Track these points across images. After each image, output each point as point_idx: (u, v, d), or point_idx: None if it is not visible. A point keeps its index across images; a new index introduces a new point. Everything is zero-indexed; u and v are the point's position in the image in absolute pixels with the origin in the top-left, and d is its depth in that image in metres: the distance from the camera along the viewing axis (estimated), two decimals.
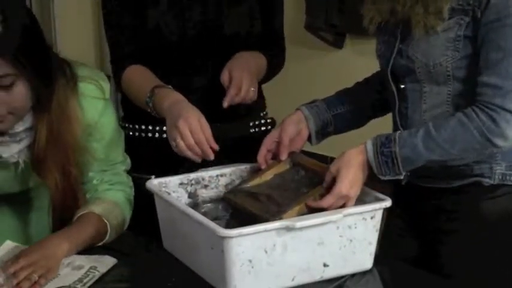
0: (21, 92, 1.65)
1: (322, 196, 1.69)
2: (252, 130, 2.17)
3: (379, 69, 1.92)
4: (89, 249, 1.75)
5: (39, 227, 1.89)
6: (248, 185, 1.82)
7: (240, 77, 1.96)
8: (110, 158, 1.89)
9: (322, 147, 2.06)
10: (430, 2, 1.69)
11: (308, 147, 1.97)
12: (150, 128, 2.12)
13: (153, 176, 1.87)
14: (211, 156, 1.79)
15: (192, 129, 1.77)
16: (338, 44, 4.24)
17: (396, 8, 1.75)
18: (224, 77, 1.98)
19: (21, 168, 1.78)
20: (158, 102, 1.91)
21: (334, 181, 1.69)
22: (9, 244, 1.76)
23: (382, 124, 2.01)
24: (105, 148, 1.86)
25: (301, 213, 1.66)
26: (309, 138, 1.93)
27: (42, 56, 1.69)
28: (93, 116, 1.81)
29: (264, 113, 2.25)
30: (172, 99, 1.88)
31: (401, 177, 1.72)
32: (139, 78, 2.04)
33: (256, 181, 1.83)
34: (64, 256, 1.69)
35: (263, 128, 2.20)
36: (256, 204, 1.73)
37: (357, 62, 4.09)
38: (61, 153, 1.76)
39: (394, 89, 1.82)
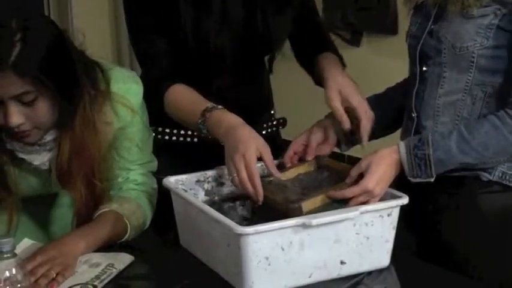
0: (43, 107, 1.66)
1: None
2: (264, 132, 2.16)
3: (395, 67, 1.92)
4: (106, 247, 1.76)
5: (62, 224, 1.90)
6: (270, 179, 1.80)
7: (361, 102, 1.87)
8: (137, 157, 1.89)
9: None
10: None
11: None
12: (167, 131, 2.10)
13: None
14: (261, 198, 1.69)
15: (246, 162, 1.69)
16: (355, 42, 4.24)
17: None
18: (335, 102, 1.86)
19: (53, 175, 1.80)
20: (213, 127, 1.81)
21: (360, 177, 1.69)
22: (27, 242, 1.77)
23: None
24: (134, 148, 1.87)
25: (322, 204, 1.66)
26: (339, 145, 1.93)
27: (65, 73, 1.68)
28: (126, 118, 1.82)
29: (273, 111, 2.24)
30: (227, 124, 1.78)
31: (432, 180, 1.72)
32: (186, 99, 1.92)
33: (279, 176, 1.81)
34: (81, 254, 1.70)
35: (274, 129, 2.20)
36: (276, 192, 1.72)
37: (374, 60, 4.08)
38: (85, 167, 1.77)
39: (418, 70, 1.83)
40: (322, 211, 1.64)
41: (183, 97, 1.93)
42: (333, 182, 1.78)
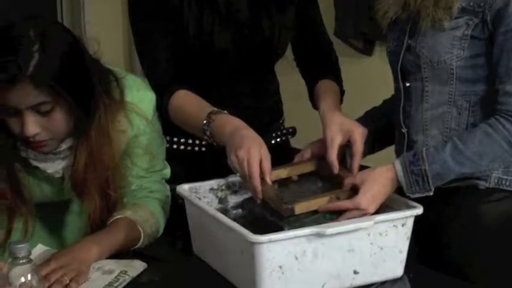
0: (59, 117, 1.66)
1: (338, 200, 1.69)
2: (273, 141, 2.16)
3: None
4: (119, 254, 1.76)
5: (75, 230, 1.90)
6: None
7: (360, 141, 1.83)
8: (150, 165, 1.89)
9: None
10: None
11: None
12: (175, 139, 2.09)
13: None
14: (260, 195, 1.71)
15: (250, 161, 1.69)
16: (367, 51, 4.23)
17: (408, 1, 1.78)
18: (334, 149, 1.81)
19: (66, 183, 1.80)
20: (218, 129, 1.81)
21: (353, 190, 1.70)
22: (41, 248, 1.77)
23: None
24: (147, 156, 1.87)
25: (314, 210, 1.67)
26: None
27: (81, 83, 1.68)
28: (140, 126, 1.82)
29: (282, 120, 2.23)
30: (233, 126, 1.79)
31: (431, 194, 1.72)
32: (191, 104, 1.92)
33: (279, 172, 1.81)
34: (95, 260, 1.70)
35: (283, 138, 2.19)
36: (274, 190, 1.73)
37: (386, 69, 4.06)
38: (100, 175, 1.77)
39: (401, 86, 1.84)
40: (314, 217, 1.66)
41: (188, 100, 1.93)
42: (326, 191, 1.77)
